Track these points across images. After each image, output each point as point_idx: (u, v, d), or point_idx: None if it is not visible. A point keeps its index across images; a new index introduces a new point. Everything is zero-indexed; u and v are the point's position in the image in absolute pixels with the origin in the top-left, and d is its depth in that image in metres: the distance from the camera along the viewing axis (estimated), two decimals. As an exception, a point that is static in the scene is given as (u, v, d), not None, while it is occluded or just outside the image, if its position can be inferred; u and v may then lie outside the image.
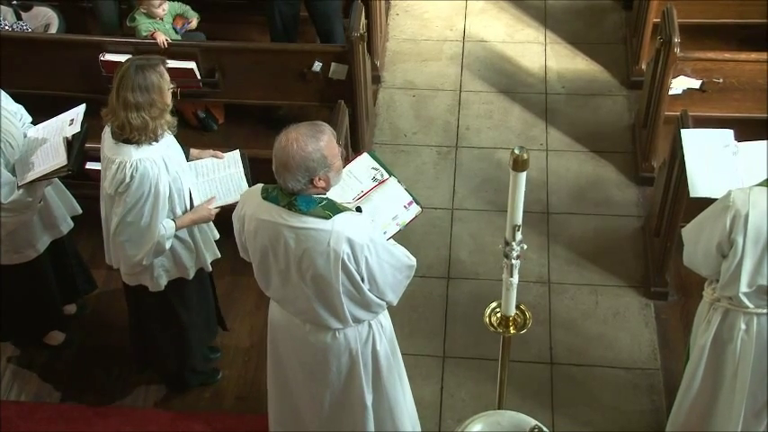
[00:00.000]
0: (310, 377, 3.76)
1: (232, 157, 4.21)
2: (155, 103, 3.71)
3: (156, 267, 4.06)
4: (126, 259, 3.95)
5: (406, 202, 3.75)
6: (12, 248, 4.34)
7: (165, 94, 3.74)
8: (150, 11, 5.14)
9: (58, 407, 4.69)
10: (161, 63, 3.78)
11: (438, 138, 5.90)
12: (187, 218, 3.98)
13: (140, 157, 3.74)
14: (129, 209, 3.79)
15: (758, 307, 3.68)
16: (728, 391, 3.91)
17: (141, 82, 3.68)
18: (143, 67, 3.70)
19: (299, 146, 3.20)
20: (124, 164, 3.74)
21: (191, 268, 4.17)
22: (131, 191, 3.76)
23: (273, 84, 5.29)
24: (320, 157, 3.23)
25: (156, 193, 3.79)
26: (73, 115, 4.25)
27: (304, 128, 3.25)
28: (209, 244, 4.22)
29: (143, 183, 3.75)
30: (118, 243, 3.90)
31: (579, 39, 6.48)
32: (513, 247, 3.13)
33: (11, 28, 5.51)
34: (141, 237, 3.86)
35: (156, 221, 3.84)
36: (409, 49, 6.49)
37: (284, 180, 3.27)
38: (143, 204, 3.79)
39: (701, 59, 5.08)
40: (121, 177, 3.74)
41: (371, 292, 3.47)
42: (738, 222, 3.48)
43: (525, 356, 4.77)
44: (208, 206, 4.03)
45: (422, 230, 5.30)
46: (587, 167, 5.69)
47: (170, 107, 3.81)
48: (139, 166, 3.73)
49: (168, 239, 3.92)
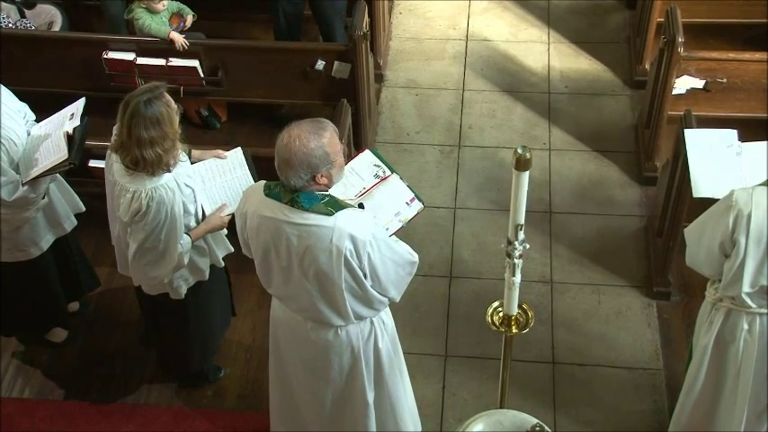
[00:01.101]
0: (312, 375, 3.76)
1: (236, 158, 4.19)
2: (167, 135, 3.67)
3: (176, 279, 4.06)
4: (148, 281, 3.99)
5: (409, 198, 3.75)
6: (15, 246, 4.35)
7: (174, 122, 3.71)
8: (150, 5, 5.12)
9: (60, 404, 4.69)
10: (163, 89, 3.71)
11: (441, 137, 5.90)
12: (201, 229, 3.98)
13: (155, 186, 3.72)
14: (146, 236, 3.78)
15: (761, 307, 3.68)
16: (731, 392, 3.90)
17: (152, 117, 3.63)
18: (150, 102, 3.63)
19: (301, 143, 3.21)
20: (140, 193, 3.72)
21: (206, 270, 4.17)
22: (148, 219, 3.75)
23: (276, 82, 5.29)
24: (322, 154, 3.24)
25: (172, 217, 3.78)
26: (73, 109, 4.26)
27: (306, 125, 3.25)
28: (221, 241, 4.23)
29: (159, 210, 3.74)
30: (139, 267, 3.91)
31: (582, 38, 6.47)
32: (516, 247, 3.13)
33: (14, 26, 5.52)
34: (161, 259, 3.86)
35: (174, 243, 3.83)
36: (412, 48, 6.49)
37: (286, 177, 3.27)
38: (160, 230, 3.78)
39: (705, 59, 5.08)
40: (137, 207, 3.73)
41: (374, 289, 3.48)
42: (741, 222, 3.48)
43: (527, 356, 4.77)
44: (220, 214, 4.03)
45: (424, 229, 5.30)
46: (590, 167, 5.69)
47: (180, 133, 3.77)
48: (155, 195, 3.72)
49: (186, 254, 3.93)
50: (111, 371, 4.81)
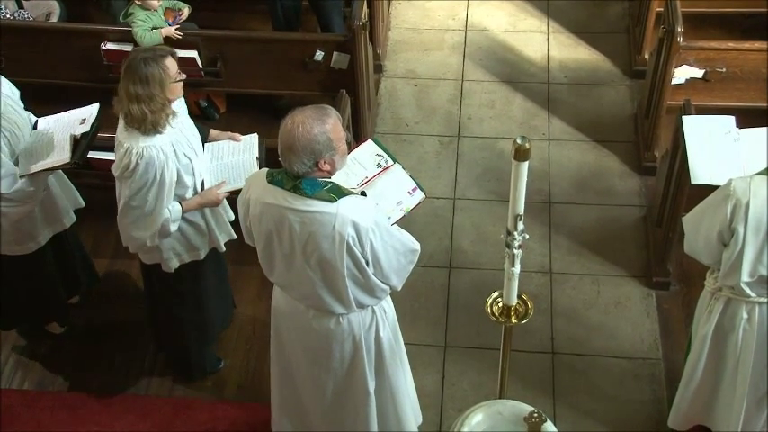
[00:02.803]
0: (313, 363, 3.77)
1: (248, 142, 4.23)
2: (154, 97, 3.73)
3: (166, 250, 4.09)
4: (131, 240, 4.01)
5: (411, 188, 3.76)
6: (13, 240, 4.34)
7: (166, 88, 3.76)
8: (145, 2, 5.09)
9: (60, 395, 4.70)
10: (168, 55, 3.78)
11: (440, 127, 5.90)
12: (194, 201, 4.02)
13: (147, 145, 3.78)
14: (133, 194, 3.84)
15: (760, 296, 3.68)
16: (730, 381, 3.91)
17: (143, 74, 3.71)
18: (147, 60, 3.72)
19: (304, 128, 3.22)
20: (131, 150, 3.78)
21: (202, 249, 4.20)
22: (136, 177, 3.80)
23: (275, 73, 5.28)
24: (326, 140, 3.25)
25: (161, 180, 3.82)
26: (86, 114, 4.28)
27: (310, 111, 3.27)
28: (224, 225, 4.25)
29: (147, 170, 3.79)
30: (123, 225, 3.96)
31: (582, 28, 6.46)
32: (515, 237, 3.13)
33: (12, 16, 5.50)
34: (145, 221, 3.90)
35: (160, 207, 3.87)
36: (411, 39, 6.47)
37: (290, 163, 3.28)
38: (147, 190, 3.82)
39: (704, 49, 5.07)
40: (127, 162, 3.79)
41: (376, 277, 3.48)
42: (739, 211, 3.48)
43: (527, 346, 4.77)
44: (217, 190, 4.05)
45: (423, 220, 5.30)
46: (589, 157, 5.68)
47: (173, 101, 3.81)
48: (145, 153, 3.77)
49: (174, 222, 3.96)
50: (112, 361, 4.82)
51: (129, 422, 4.57)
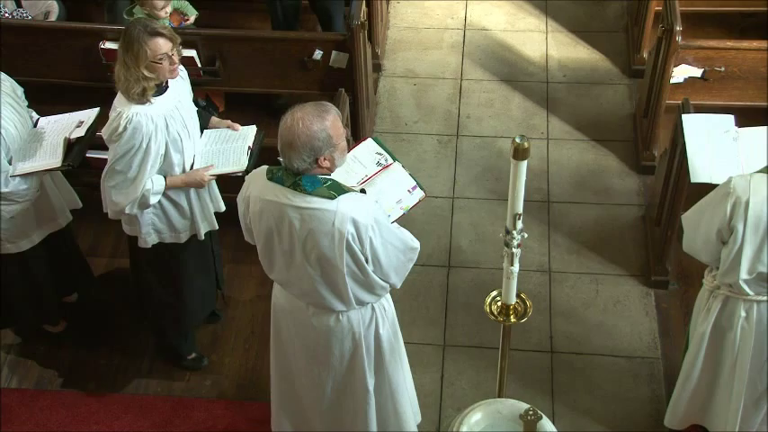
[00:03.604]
0: (313, 361, 3.77)
1: (245, 131, 4.26)
2: (129, 66, 3.78)
3: (145, 224, 4.12)
4: (111, 205, 4.03)
5: (410, 186, 3.77)
6: (6, 238, 4.32)
7: (141, 62, 3.77)
8: (153, 12, 5.06)
9: (58, 394, 4.70)
10: (158, 36, 3.78)
11: (439, 126, 5.90)
12: (179, 179, 4.04)
13: (138, 111, 3.83)
14: (118, 157, 3.88)
15: (758, 294, 3.69)
16: (728, 379, 3.91)
17: (128, 41, 3.77)
18: (137, 31, 3.76)
19: (304, 125, 3.23)
20: (121, 114, 3.84)
21: (183, 232, 4.22)
22: (122, 141, 3.84)
23: (274, 72, 5.28)
24: (326, 137, 3.26)
25: (147, 149, 3.86)
26: (84, 117, 4.28)
27: (310, 107, 3.28)
28: (207, 213, 4.26)
29: (134, 135, 3.83)
30: (105, 187, 3.99)
31: (581, 27, 6.46)
32: (514, 236, 3.13)
33: (10, 15, 5.49)
34: (127, 186, 3.93)
35: (142, 175, 3.90)
36: (410, 38, 6.47)
37: (289, 159, 3.28)
38: (132, 156, 3.87)
39: (703, 48, 5.07)
40: (115, 126, 3.84)
41: (375, 274, 3.48)
42: (739, 209, 3.48)
43: (525, 345, 4.78)
44: (203, 172, 4.07)
45: (422, 219, 5.30)
46: (588, 156, 5.68)
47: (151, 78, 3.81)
48: (134, 119, 3.82)
49: (155, 195, 3.99)
50: (110, 361, 4.82)
51: (128, 421, 4.57)
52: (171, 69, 3.86)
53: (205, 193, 4.19)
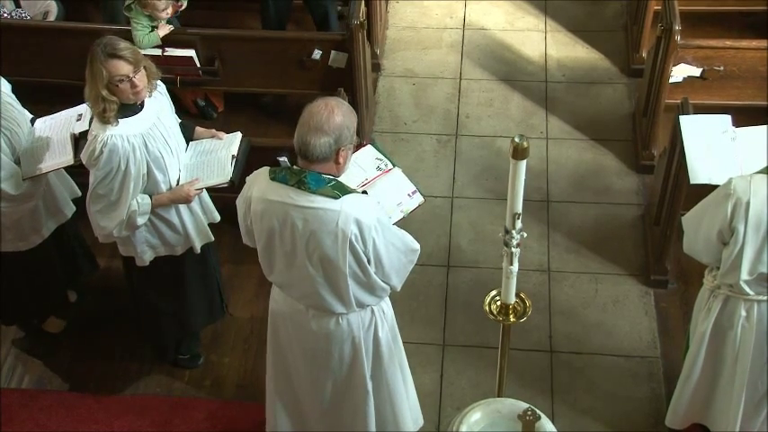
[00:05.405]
0: (312, 364, 3.76)
1: (229, 139, 4.19)
2: (87, 81, 3.77)
3: (140, 243, 4.10)
4: (98, 229, 4.02)
5: (410, 190, 3.80)
6: (17, 236, 4.33)
7: (98, 82, 3.72)
8: (154, 13, 5.05)
9: (58, 394, 4.70)
10: (117, 58, 3.70)
11: (438, 126, 5.90)
12: (165, 196, 4.02)
13: (113, 134, 3.80)
14: (98, 181, 3.87)
15: (758, 294, 3.69)
16: (728, 379, 3.92)
17: (90, 57, 3.75)
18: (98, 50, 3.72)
19: (340, 111, 3.26)
20: (96, 137, 3.82)
21: (177, 246, 4.20)
22: (100, 164, 3.83)
23: (273, 72, 5.28)
24: (353, 131, 3.31)
25: (126, 170, 3.84)
26: (81, 110, 4.26)
27: (340, 101, 3.32)
28: (201, 227, 4.23)
29: (111, 158, 3.81)
30: (92, 212, 3.98)
31: (580, 26, 6.46)
32: (513, 236, 3.13)
33: (9, 15, 5.49)
34: (112, 210, 3.92)
35: (126, 197, 3.89)
36: (409, 37, 6.47)
37: (312, 145, 3.25)
38: (112, 179, 3.85)
39: (702, 47, 5.07)
40: (92, 149, 3.83)
41: (377, 275, 3.48)
42: (739, 210, 3.48)
43: (525, 344, 4.78)
44: (189, 187, 4.04)
45: (422, 219, 5.30)
46: (587, 156, 5.69)
47: (111, 101, 3.76)
48: (108, 141, 3.79)
49: (142, 215, 3.96)
50: (110, 361, 4.82)
51: (128, 421, 4.57)
52: (134, 92, 3.78)
53: (196, 206, 4.15)
